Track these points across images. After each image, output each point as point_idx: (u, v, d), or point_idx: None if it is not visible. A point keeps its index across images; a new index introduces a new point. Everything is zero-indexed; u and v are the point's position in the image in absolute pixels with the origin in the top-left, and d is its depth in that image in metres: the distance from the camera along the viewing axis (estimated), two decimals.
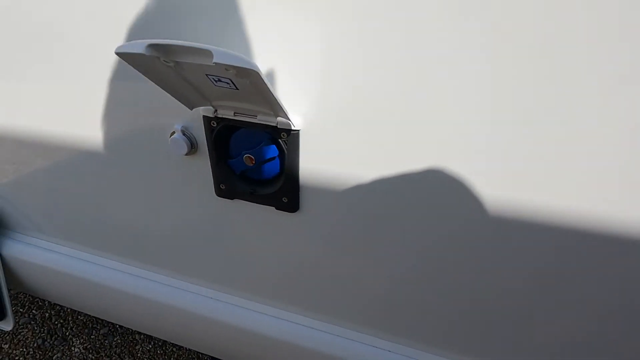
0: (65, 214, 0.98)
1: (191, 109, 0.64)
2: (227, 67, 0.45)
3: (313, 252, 0.76)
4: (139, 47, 0.45)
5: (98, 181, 0.87)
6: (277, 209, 0.73)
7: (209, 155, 0.71)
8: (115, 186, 0.86)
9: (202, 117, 0.67)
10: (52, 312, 1.64)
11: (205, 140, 0.70)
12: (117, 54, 0.47)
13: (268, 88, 0.47)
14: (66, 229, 1.00)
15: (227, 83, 0.53)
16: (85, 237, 0.99)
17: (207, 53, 0.43)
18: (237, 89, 0.54)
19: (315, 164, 0.67)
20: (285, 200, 0.71)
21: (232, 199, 0.75)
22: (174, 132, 0.72)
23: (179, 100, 0.60)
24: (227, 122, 0.66)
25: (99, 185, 0.87)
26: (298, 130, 0.63)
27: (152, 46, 0.45)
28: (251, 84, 0.48)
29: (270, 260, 0.81)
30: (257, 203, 0.74)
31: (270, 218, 0.75)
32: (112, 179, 0.85)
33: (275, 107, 0.56)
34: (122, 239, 0.94)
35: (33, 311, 1.64)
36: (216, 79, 0.52)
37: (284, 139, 0.64)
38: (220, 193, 0.75)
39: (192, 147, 0.72)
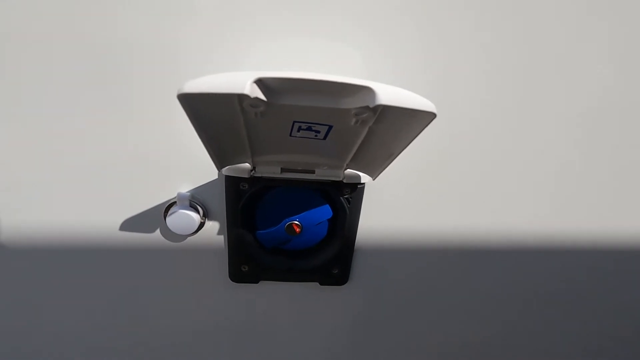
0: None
1: (220, 168, 0.44)
2: (364, 111, 0.31)
3: (364, 329, 0.62)
4: (236, 84, 0.27)
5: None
6: (321, 284, 0.57)
7: (228, 229, 0.51)
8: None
9: (223, 179, 0.48)
10: None
11: (225, 210, 0.50)
12: (187, 95, 0.27)
13: (406, 135, 0.34)
14: None
15: (316, 132, 0.38)
16: None
17: (362, 92, 0.28)
18: (324, 139, 0.39)
19: (374, 222, 0.54)
20: (335, 271, 0.56)
21: (256, 282, 0.56)
22: (171, 206, 0.50)
23: (212, 156, 0.41)
24: (267, 182, 0.48)
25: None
26: (364, 184, 0.50)
27: (259, 82, 0.28)
28: (378, 130, 0.34)
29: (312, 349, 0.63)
30: (293, 281, 0.56)
31: (310, 297, 0.58)
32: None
33: (362, 158, 0.43)
34: None
35: None
36: (305, 127, 0.37)
37: (348, 196, 0.50)
38: (239, 277, 0.55)
39: (201, 223, 0.51)
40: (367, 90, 0.28)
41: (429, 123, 0.31)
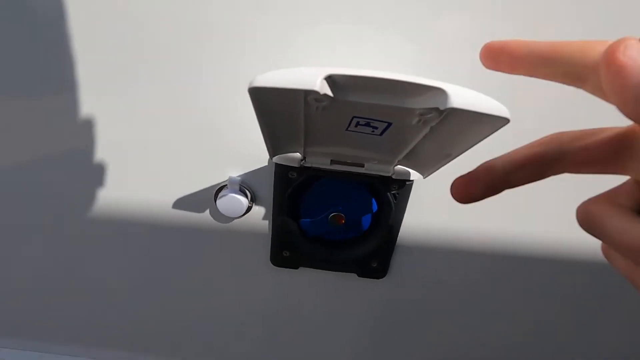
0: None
1: (272, 156, 0.45)
2: (430, 112, 0.30)
3: (401, 325, 0.62)
4: (307, 81, 0.27)
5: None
6: (360, 275, 0.57)
7: (273, 215, 0.53)
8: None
9: (273, 166, 0.49)
10: None
11: (272, 196, 0.51)
12: (258, 88, 0.28)
13: (469, 138, 0.34)
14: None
15: (374, 128, 0.38)
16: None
17: (432, 92, 0.28)
18: (380, 135, 0.39)
19: (418, 219, 0.54)
20: (374, 264, 0.56)
21: (296, 267, 0.57)
22: (221, 189, 0.52)
23: (268, 145, 0.42)
24: (315, 173, 0.49)
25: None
26: (412, 181, 0.50)
27: (329, 78, 0.28)
28: (439, 130, 0.34)
29: (347, 340, 0.64)
30: (331, 270, 0.58)
31: (347, 287, 0.59)
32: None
33: (415, 155, 0.43)
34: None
35: None
36: (363, 122, 0.37)
37: (395, 192, 0.50)
38: (280, 262, 0.56)
39: (249, 207, 0.53)
40: (438, 92, 0.28)
41: (498, 129, 0.30)
